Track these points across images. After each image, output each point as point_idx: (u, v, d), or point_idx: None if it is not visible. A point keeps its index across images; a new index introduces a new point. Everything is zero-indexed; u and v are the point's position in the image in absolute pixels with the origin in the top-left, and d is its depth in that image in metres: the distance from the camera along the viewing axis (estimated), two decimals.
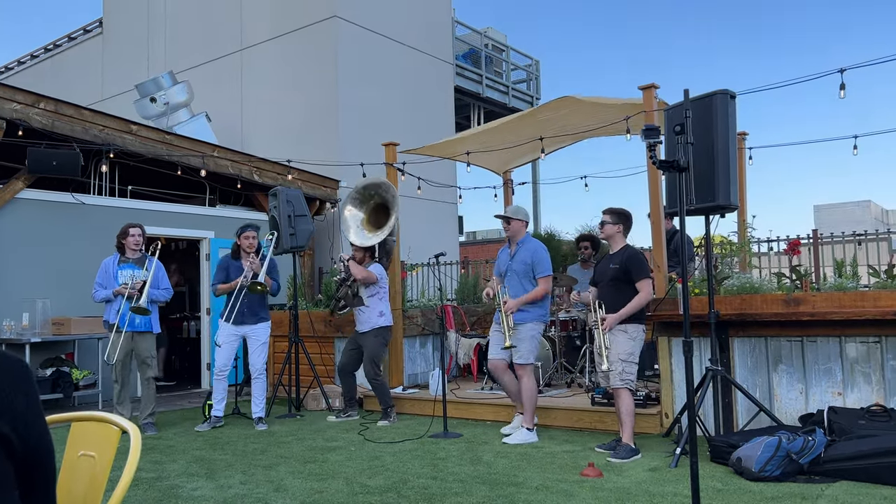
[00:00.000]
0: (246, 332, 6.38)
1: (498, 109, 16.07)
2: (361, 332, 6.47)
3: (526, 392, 5.42)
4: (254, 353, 6.41)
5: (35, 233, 7.82)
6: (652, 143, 3.35)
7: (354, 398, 6.73)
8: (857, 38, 64.14)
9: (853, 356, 4.84)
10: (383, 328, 6.46)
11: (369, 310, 6.41)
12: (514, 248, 5.61)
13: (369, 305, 6.41)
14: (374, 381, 6.39)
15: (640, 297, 4.91)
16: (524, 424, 5.43)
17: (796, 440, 4.12)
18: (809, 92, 76.23)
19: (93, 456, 1.90)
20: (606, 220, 5.16)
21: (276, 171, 9.88)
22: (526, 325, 5.44)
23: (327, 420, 6.59)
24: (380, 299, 6.47)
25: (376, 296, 6.45)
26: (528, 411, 5.43)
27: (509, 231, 5.62)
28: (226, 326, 6.33)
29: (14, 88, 7.56)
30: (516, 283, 5.50)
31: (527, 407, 5.43)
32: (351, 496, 4.00)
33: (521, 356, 5.42)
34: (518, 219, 5.61)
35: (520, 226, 5.62)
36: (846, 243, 8.05)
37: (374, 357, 6.39)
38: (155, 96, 11.82)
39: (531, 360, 5.46)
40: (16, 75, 18.58)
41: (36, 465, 1.42)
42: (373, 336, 6.39)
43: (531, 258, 5.48)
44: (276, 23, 12.57)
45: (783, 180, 56.06)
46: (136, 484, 4.36)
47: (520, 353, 5.41)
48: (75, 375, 7.51)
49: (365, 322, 6.44)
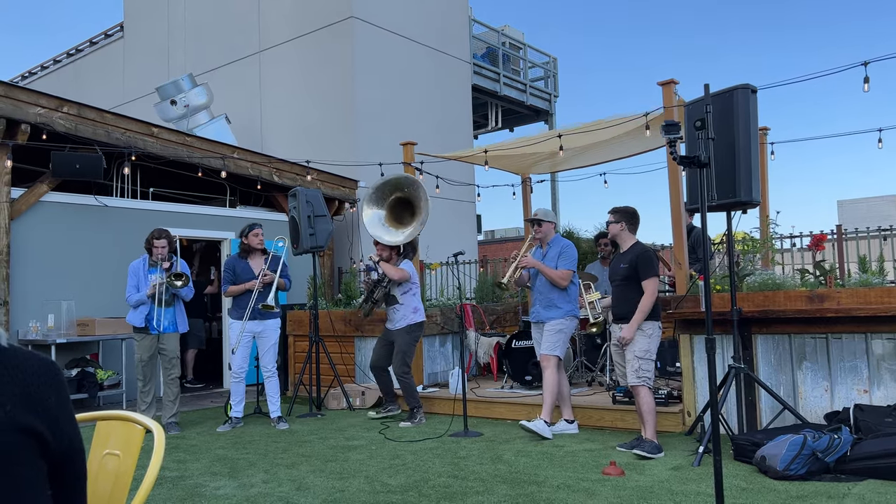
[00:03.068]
0: (257, 331, 6.40)
1: (515, 107, 16.03)
2: (394, 328, 6.45)
3: (545, 383, 5.47)
4: (265, 355, 6.45)
5: (59, 235, 7.93)
6: (672, 139, 3.32)
7: (393, 392, 6.66)
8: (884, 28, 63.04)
9: (879, 353, 4.76)
10: (418, 324, 6.47)
11: (403, 307, 6.41)
12: (544, 248, 5.69)
13: (403, 303, 6.41)
14: (403, 378, 6.37)
15: (646, 298, 4.88)
16: (541, 416, 5.45)
17: (822, 438, 4.07)
18: (833, 85, 75.05)
19: (117, 455, 1.92)
20: (609, 220, 5.18)
21: (294, 172, 9.93)
22: (555, 321, 5.53)
23: (368, 415, 6.61)
24: (413, 295, 6.48)
25: (409, 292, 6.46)
26: (548, 404, 5.45)
27: (540, 233, 5.67)
28: (237, 325, 6.39)
29: (38, 93, 7.68)
30: (545, 282, 5.59)
31: (547, 399, 5.46)
32: (372, 495, 4.01)
33: (546, 346, 5.50)
34: (549, 221, 5.68)
35: (550, 228, 5.71)
36: (871, 238, 7.93)
37: (406, 353, 6.39)
38: (175, 99, 11.94)
39: (555, 352, 5.48)
40: (39, 80, 18.87)
41: (67, 465, 1.43)
42: (406, 332, 6.39)
43: (559, 253, 5.59)
44: (294, 24, 12.64)
45: (806, 176, 55.30)
46: (160, 483, 4.41)
47: (546, 344, 5.50)
48: (100, 376, 7.61)
49: (400, 319, 6.41)
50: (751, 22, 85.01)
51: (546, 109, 16.53)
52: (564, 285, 5.52)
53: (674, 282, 6.34)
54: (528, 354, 6.86)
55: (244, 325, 6.33)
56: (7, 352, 1.35)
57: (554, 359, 5.46)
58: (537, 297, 5.70)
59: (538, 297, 5.68)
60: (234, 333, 6.39)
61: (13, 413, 1.29)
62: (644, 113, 6.16)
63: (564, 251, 5.58)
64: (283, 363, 8.47)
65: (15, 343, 1.40)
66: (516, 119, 16.91)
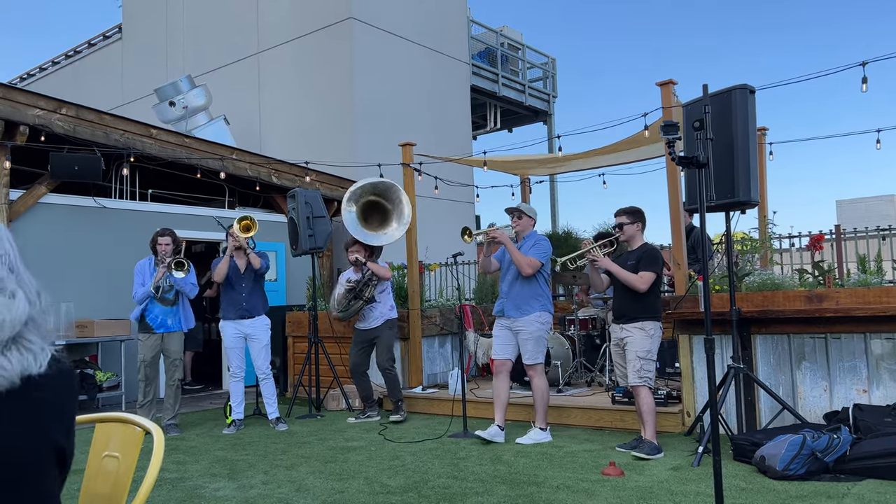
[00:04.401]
0: (247, 332, 6.40)
1: (514, 108, 16.04)
2: (372, 327, 6.56)
3: (538, 392, 5.36)
4: (257, 357, 6.43)
5: (58, 236, 7.92)
6: (671, 140, 3.32)
7: (373, 398, 6.73)
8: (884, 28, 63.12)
9: (878, 353, 4.76)
10: (394, 319, 6.72)
11: (381, 305, 6.59)
12: (519, 241, 5.52)
13: (380, 301, 6.59)
14: (389, 371, 6.46)
15: (636, 278, 4.83)
16: (536, 424, 5.40)
17: (821, 438, 4.07)
18: (832, 86, 74.90)
19: (116, 457, 1.92)
20: (624, 222, 5.07)
21: (293, 173, 9.93)
22: (528, 330, 5.31)
23: (347, 421, 6.62)
24: (388, 294, 6.72)
25: (385, 291, 6.68)
26: (541, 411, 5.38)
27: (518, 226, 5.51)
28: (227, 326, 6.39)
29: (36, 94, 7.68)
30: (515, 276, 5.41)
31: (539, 407, 5.38)
32: (372, 496, 4.01)
33: (528, 357, 5.34)
34: (529, 215, 5.57)
35: (529, 222, 5.56)
36: (870, 238, 7.93)
37: (391, 347, 6.57)
38: (174, 100, 11.94)
39: (538, 360, 5.36)
40: (38, 81, 18.87)
41: (66, 469, 1.44)
42: (388, 328, 6.60)
43: (533, 245, 5.42)
44: (292, 26, 12.64)
45: (805, 176, 55.29)
46: (160, 484, 4.40)
47: (527, 354, 5.34)
48: (99, 377, 7.61)
49: (378, 317, 6.57)
50: (751, 22, 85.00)
51: (545, 110, 16.54)
52: (529, 272, 5.31)
53: (673, 282, 6.34)
54: None
55: (232, 324, 6.37)
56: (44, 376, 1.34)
57: (539, 366, 5.37)
58: (505, 291, 5.48)
59: (508, 292, 5.46)
60: (225, 335, 6.42)
61: (51, 435, 1.30)
62: (643, 114, 6.16)
63: (539, 243, 5.44)
64: (283, 364, 8.46)
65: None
66: (515, 120, 16.92)
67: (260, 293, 6.51)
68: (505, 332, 5.47)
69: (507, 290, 5.48)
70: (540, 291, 5.40)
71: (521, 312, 5.35)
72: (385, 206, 6.87)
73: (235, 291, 6.38)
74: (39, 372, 1.27)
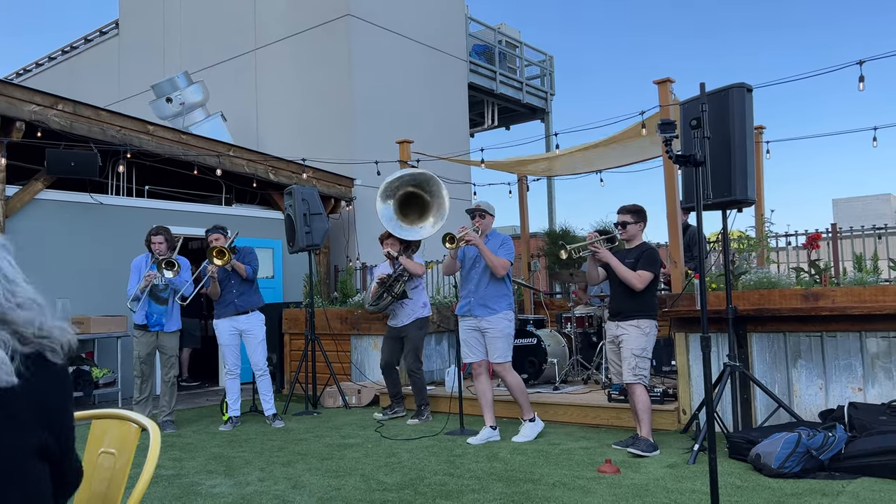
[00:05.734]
0: (242, 328, 6.38)
1: (512, 106, 16.03)
2: (402, 325, 6.44)
3: (515, 388, 5.35)
4: (253, 353, 6.41)
5: (54, 233, 7.91)
6: (668, 138, 3.32)
7: (401, 395, 6.64)
8: (882, 27, 63.17)
9: (874, 351, 4.78)
10: (426, 318, 6.52)
11: (412, 302, 6.44)
12: (483, 241, 5.42)
13: (412, 298, 6.44)
14: (415, 374, 6.37)
15: (633, 274, 4.82)
16: (524, 418, 5.40)
17: (816, 436, 4.08)
18: (829, 84, 75.06)
19: (113, 453, 1.92)
20: (628, 221, 5.02)
21: (291, 170, 9.92)
22: (495, 329, 5.29)
23: (374, 416, 6.60)
24: (421, 290, 6.53)
25: (418, 287, 6.51)
26: (524, 404, 5.39)
27: (482, 225, 5.44)
28: (221, 324, 6.38)
29: (32, 90, 7.65)
30: (481, 277, 5.38)
31: (521, 401, 5.38)
32: (368, 493, 4.01)
33: (497, 356, 5.31)
34: (491, 213, 5.52)
35: (491, 220, 5.54)
36: (866, 237, 7.94)
37: (418, 348, 6.43)
38: (171, 96, 11.90)
39: (508, 358, 5.33)
40: (34, 77, 18.79)
41: (64, 462, 1.44)
42: (416, 327, 6.43)
43: (500, 245, 5.38)
44: (290, 22, 12.61)
45: (802, 175, 55.47)
46: (156, 481, 4.40)
47: (496, 353, 5.31)
48: (95, 374, 7.60)
49: (409, 314, 6.43)
50: (748, 21, 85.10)
51: (542, 108, 16.53)
52: (502, 274, 5.31)
53: (669, 280, 6.34)
54: (524, 352, 6.86)
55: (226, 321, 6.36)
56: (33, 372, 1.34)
57: (508, 364, 5.35)
58: (471, 290, 5.41)
59: (473, 291, 5.40)
60: (220, 333, 6.41)
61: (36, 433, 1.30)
62: (640, 112, 6.17)
63: (505, 243, 5.42)
64: (280, 361, 8.46)
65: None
66: (512, 117, 16.91)
67: (252, 289, 6.48)
68: (473, 334, 5.42)
69: (473, 289, 5.41)
70: (506, 290, 5.42)
71: (489, 311, 5.33)
72: (424, 198, 6.50)
73: (227, 290, 6.37)
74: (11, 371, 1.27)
